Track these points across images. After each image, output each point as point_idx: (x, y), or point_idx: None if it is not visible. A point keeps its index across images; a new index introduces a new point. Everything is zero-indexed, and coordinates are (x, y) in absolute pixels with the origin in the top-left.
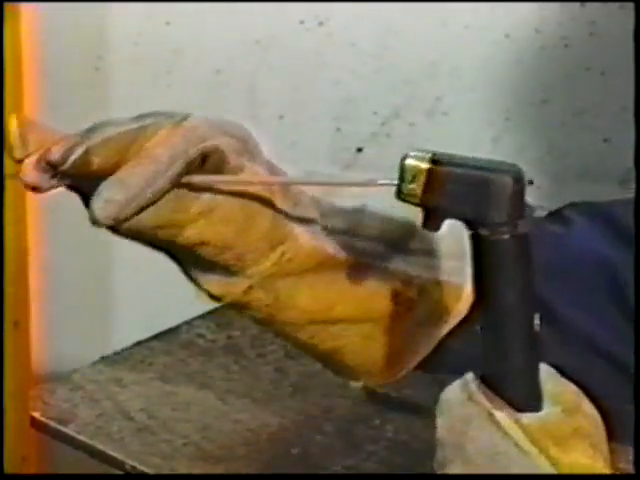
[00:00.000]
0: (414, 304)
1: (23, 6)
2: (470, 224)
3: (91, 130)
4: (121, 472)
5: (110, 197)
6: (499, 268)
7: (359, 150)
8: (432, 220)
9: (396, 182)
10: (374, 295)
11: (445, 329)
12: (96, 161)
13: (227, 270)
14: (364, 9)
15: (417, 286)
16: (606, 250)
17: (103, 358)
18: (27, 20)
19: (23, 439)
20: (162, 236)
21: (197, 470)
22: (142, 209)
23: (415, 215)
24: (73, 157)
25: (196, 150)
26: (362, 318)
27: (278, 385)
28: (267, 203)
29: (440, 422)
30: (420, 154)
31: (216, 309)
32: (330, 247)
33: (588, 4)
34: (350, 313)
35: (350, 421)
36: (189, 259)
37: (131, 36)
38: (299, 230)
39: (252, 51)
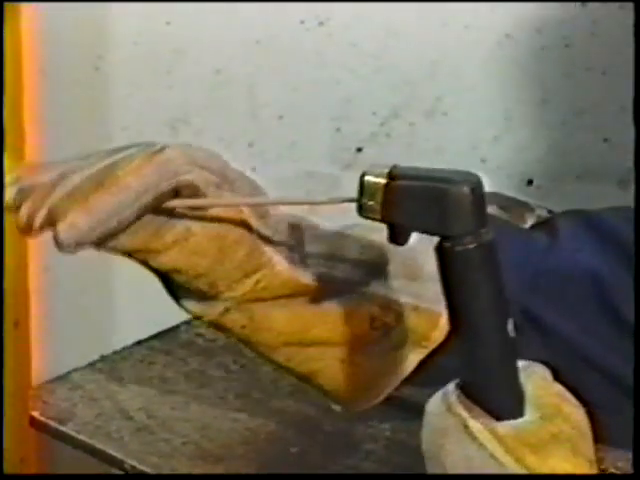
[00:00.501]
0: (391, 329)
1: (23, 6)
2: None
3: (62, 176)
4: (120, 471)
5: (74, 222)
6: (466, 278)
7: (359, 150)
8: (397, 235)
9: (356, 199)
10: (350, 319)
11: (423, 354)
12: (62, 213)
13: (201, 294)
14: (364, 9)
15: (394, 311)
16: (594, 260)
17: (103, 358)
18: (27, 20)
19: (22, 438)
20: (137, 258)
21: (196, 469)
22: (108, 237)
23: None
24: (37, 222)
25: (168, 184)
26: (338, 341)
27: (277, 384)
28: (244, 232)
29: (422, 434)
30: (378, 170)
31: None
32: (306, 277)
33: (589, 4)
34: (326, 336)
35: (349, 420)
36: (169, 278)
37: (131, 36)
38: (276, 259)
39: (252, 51)
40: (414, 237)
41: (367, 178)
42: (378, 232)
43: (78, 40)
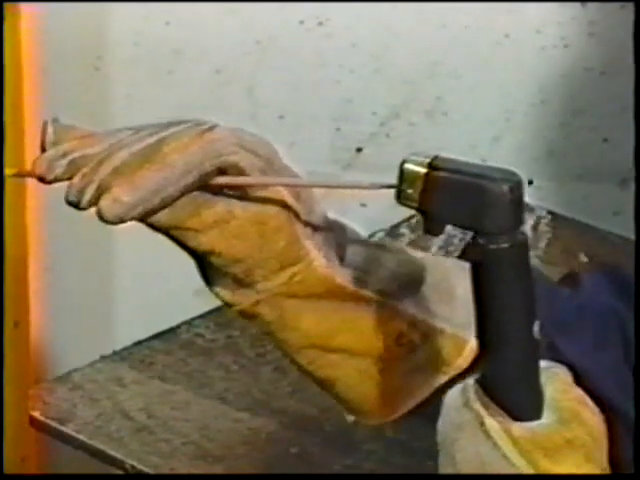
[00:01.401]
0: (416, 348)
1: (23, 6)
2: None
3: (111, 149)
4: (121, 471)
5: (118, 197)
6: (498, 276)
7: (359, 150)
8: (432, 225)
9: (395, 185)
10: (377, 331)
11: (443, 379)
12: (107, 187)
13: (236, 281)
14: (364, 9)
15: (422, 331)
16: (614, 303)
17: (103, 358)
18: (27, 20)
19: (22, 438)
20: (176, 236)
21: (196, 469)
22: (151, 213)
23: (436, 262)
24: (86, 198)
25: (212, 163)
26: (362, 352)
27: (277, 384)
28: (286, 220)
29: (438, 426)
30: (419, 158)
31: (216, 309)
32: (342, 277)
33: (588, 4)
34: (351, 344)
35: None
36: (204, 261)
37: (131, 36)
38: (314, 254)
39: (252, 51)
40: (450, 260)
41: (407, 166)
42: (416, 250)
43: (78, 40)
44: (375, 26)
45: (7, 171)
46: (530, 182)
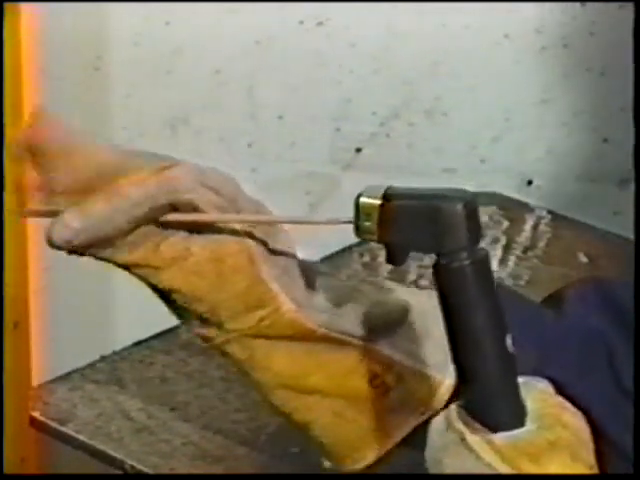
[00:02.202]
0: (390, 389)
1: (23, 6)
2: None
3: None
4: (120, 472)
5: (68, 223)
6: (463, 294)
7: (358, 150)
8: (394, 255)
9: (353, 221)
10: (351, 373)
11: (419, 420)
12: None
13: (203, 320)
14: (364, 9)
15: (396, 372)
16: (598, 323)
17: (103, 358)
18: (27, 20)
19: (22, 438)
20: (137, 274)
21: (196, 470)
22: (101, 242)
23: (413, 300)
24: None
25: (166, 198)
26: (336, 393)
27: None
28: (247, 262)
29: (425, 453)
30: (373, 191)
31: None
32: (312, 322)
33: (588, 4)
34: (324, 385)
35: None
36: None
37: (131, 36)
38: (282, 298)
39: (252, 51)
40: (427, 302)
41: (362, 200)
42: (392, 292)
43: (78, 40)
44: (375, 26)
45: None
46: (530, 182)
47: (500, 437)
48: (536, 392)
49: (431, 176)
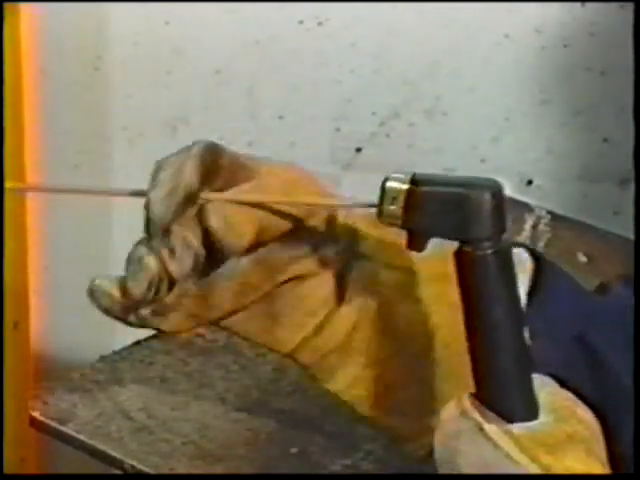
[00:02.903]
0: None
1: (23, 6)
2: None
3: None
4: (120, 471)
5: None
6: (484, 283)
7: (358, 150)
8: (415, 241)
9: (377, 204)
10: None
11: None
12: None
13: None
14: (364, 9)
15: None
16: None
17: (103, 358)
18: (27, 20)
19: (22, 438)
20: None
21: (196, 469)
22: None
23: None
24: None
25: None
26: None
27: (277, 384)
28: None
29: (435, 440)
30: (400, 176)
31: None
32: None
33: (588, 4)
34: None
35: (349, 420)
36: None
37: (131, 36)
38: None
39: (252, 51)
40: None
41: (389, 184)
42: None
43: (78, 40)
44: (375, 26)
45: None
46: (530, 182)
47: (518, 428)
48: (548, 386)
49: None
